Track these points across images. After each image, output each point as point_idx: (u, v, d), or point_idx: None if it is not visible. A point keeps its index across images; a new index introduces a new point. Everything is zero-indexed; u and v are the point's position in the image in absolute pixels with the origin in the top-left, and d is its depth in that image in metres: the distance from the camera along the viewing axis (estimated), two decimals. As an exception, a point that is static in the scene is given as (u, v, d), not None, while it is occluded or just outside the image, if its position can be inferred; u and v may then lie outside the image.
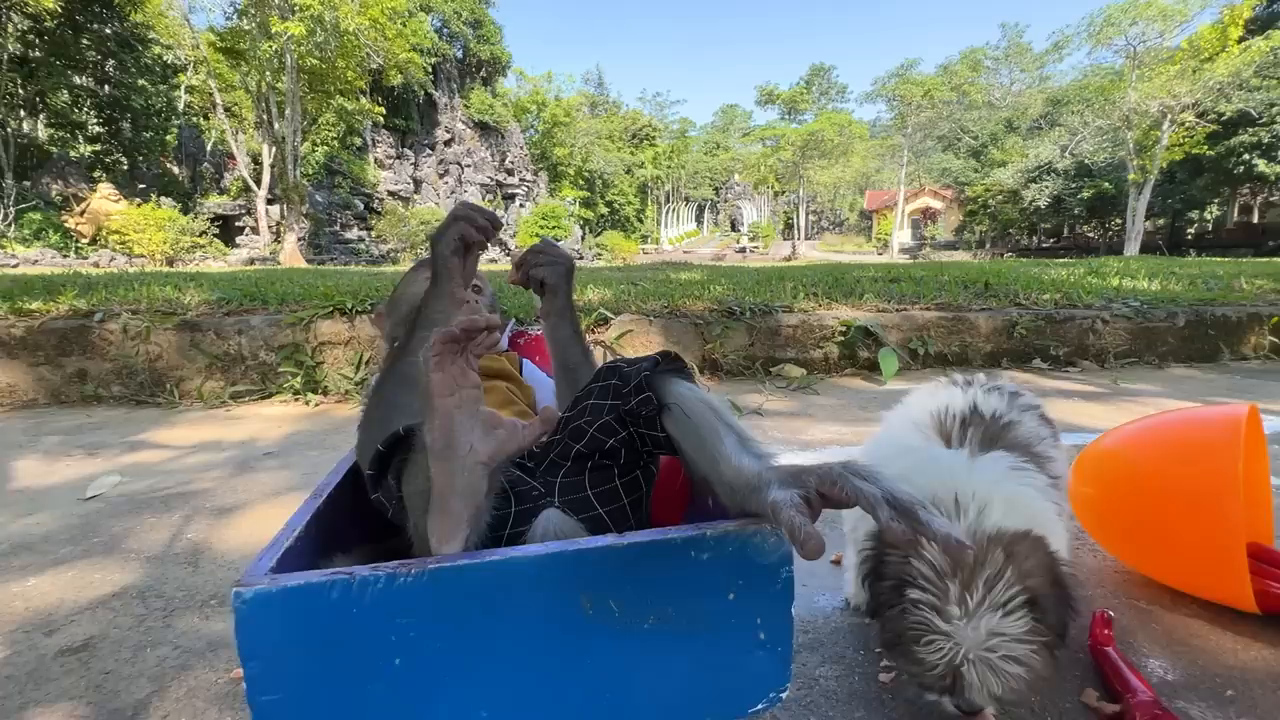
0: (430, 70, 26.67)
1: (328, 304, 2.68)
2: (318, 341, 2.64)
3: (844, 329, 2.98)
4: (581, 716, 0.55)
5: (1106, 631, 0.91)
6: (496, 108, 32.29)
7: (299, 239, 18.26)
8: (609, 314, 2.88)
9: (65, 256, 15.95)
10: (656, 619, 0.55)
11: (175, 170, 22.62)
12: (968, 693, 0.64)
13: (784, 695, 0.59)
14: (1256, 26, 22.22)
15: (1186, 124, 21.73)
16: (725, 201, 54.36)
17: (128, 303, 2.77)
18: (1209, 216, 28.88)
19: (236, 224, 22.07)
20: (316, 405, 2.50)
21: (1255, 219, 28.58)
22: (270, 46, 16.23)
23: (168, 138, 21.95)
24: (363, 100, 21.01)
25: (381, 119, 23.91)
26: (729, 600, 0.56)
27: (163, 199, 20.43)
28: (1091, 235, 31.69)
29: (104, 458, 1.89)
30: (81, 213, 17.75)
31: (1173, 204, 26.61)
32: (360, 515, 0.77)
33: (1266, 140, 21.24)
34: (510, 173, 32.70)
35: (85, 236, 17.50)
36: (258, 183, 19.53)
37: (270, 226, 21.10)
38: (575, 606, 0.53)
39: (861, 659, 0.90)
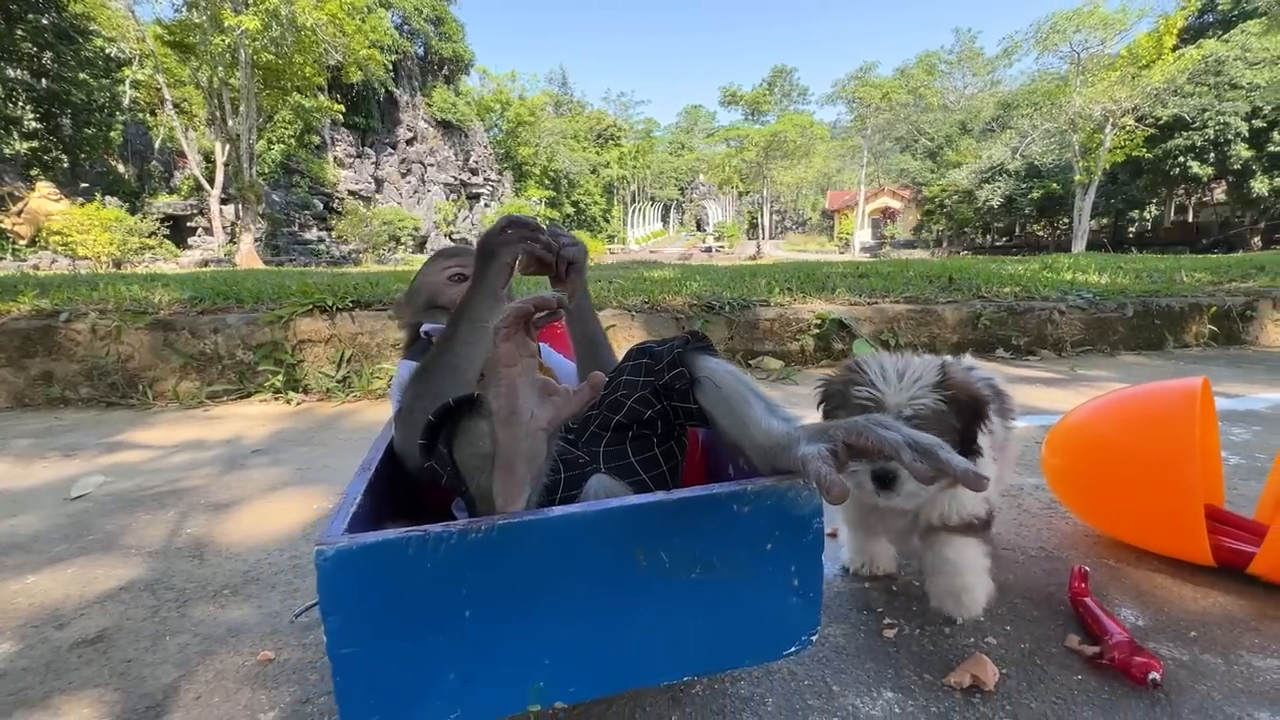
0: (391, 68, 26.17)
1: (307, 301, 2.64)
2: (297, 340, 2.60)
3: (819, 322, 3.08)
4: (633, 661, 0.60)
5: (1083, 585, 0.99)
6: (459, 106, 31.84)
7: (256, 240, 17.69)
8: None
9: (0, 259, 15.13)
10: (702, 568, 0.59)
11: (121, 168, 21.66)
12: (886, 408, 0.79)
13: (814, 638, 0.64)
14: (1189, 36, 23.51)
15: (1127, 127, 22.83)
16: (690, 201, 54.73)
17: (94, 302, 2.68)
18: (1148, 216, 30.32)
19: (188, 224, 21.27)
20: (298, 404, 2.47)
21: (1190, 218, 30.18)
22: (223, 41, 15.68)
23: (112, 134, 20.97)
24: (321, 97, 20.48)
25: (341, 117, 23.28)
26: (767, 550, 0.61)
27: (108, 198, 19.56)
28: (1041, 234, 32.96)
29: (83, 459, 1.85)
30: (19, 213, 16.87)
31: (1115, 204, 27.88)
32: (395, 491, 0.79)
33: (1199, 143, 22.45)
34: (474, 172, 32.31)
35: (23, 238, 16.64)
36: (211, 182, 18.85)
37: (224, 227, 20.38)
38: (630, 558, 0.57)
39: (865, 618, 0.97)
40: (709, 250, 40.91)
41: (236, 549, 1.26)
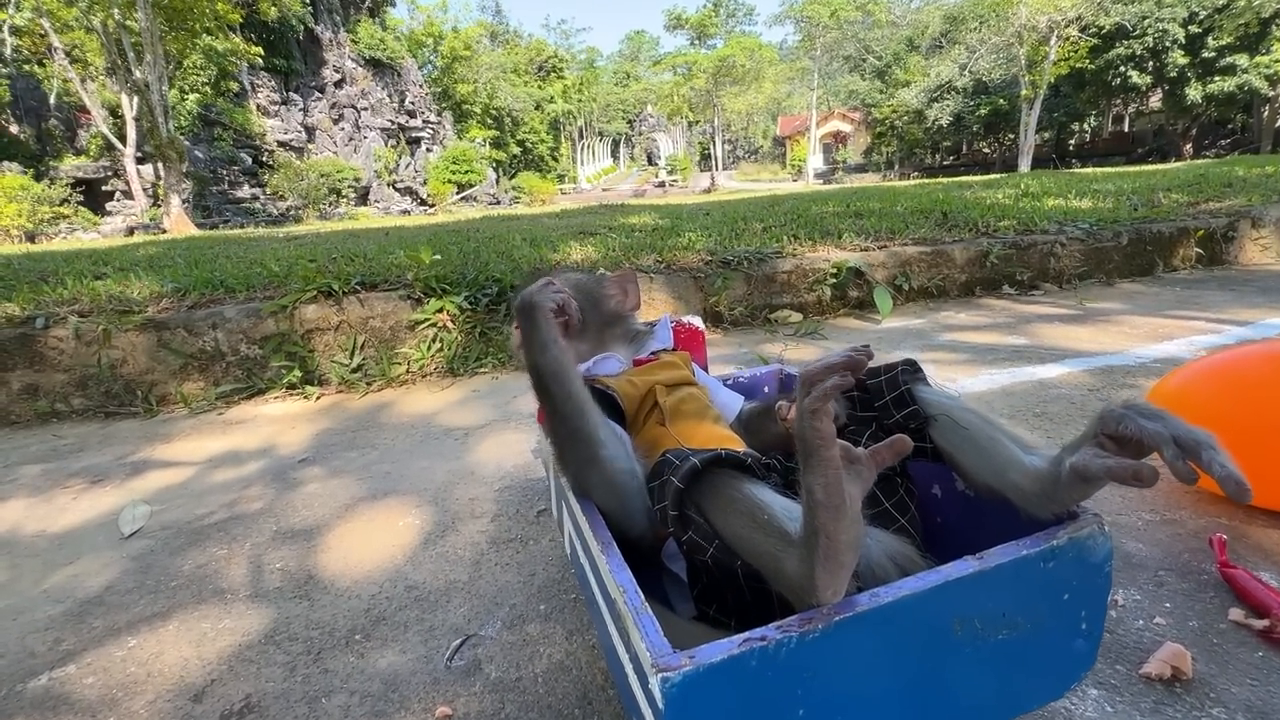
0: (308, 2, 23.94)
1: (310, 287, 2.46)
2: (304, 329, 2.44)
3: (835, 271, 3.05)
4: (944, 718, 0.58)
5: (1225, 554, 1.02)
6: (388, 42, 29.56)
7: (184, 202, 16.35)
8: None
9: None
10: (1008, 628, 0.57)
11: (14, 130, 19.51)
12: None
13: (1087, 671, 0.64)
14: (1132, -60, 23.39)
15: (1071, 38, 22.94)
16: (640, 135, 53.09)
17: (66, 302, 2.44)
18: (1088, 128, 31.05)
19: (103, 189, 19.56)
20: (318, 399, 2.33)
21: (1126, 128, 31.03)
22: (115, -23, 13.94)
23: (-4, 90, 18.78)
24: (235, 38, 18.66)
25: (259, 60, 21.37)
26: (1064, 600, 0.59)
27: (5, 164, 17.70)
28: (988, 151, 33.44)
29: (112, 484, 1.71)
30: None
31: (1058, 117, 28.37)
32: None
33: (1139, 52, 22.82)
34: (412, 114, 30.41)
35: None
36: (122, 139, 17.18)
37: (145, 189, 18.80)
38: (948, 629, 0.55)
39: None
40: (662, 185, 40.13)
41: (342, 584, 1.19)
